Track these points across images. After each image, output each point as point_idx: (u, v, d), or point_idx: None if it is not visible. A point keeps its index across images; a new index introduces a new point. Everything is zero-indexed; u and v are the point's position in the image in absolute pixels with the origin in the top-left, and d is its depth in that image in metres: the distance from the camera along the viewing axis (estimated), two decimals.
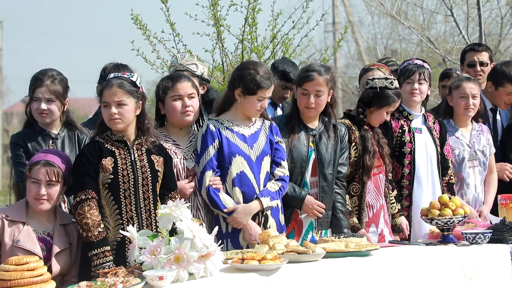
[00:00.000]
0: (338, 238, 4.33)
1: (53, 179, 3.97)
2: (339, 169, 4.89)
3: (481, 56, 6.26)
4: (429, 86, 5.49)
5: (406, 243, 4.87)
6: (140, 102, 4.14)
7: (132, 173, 4.07)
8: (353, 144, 5.03)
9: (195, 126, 4.77)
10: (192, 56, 5.52)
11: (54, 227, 4.03)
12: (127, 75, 4.19)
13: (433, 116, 5.56)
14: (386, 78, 5.07)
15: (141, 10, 7.21)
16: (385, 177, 5.15)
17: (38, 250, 3.90)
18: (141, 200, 4.07)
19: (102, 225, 3.96)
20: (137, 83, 4.16)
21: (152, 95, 5.08)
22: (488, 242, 4.65)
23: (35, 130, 4.64)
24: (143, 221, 4.06)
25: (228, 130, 4.52)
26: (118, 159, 4.06)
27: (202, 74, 5.33)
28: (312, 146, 4.81)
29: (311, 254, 3.92)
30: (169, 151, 4.39)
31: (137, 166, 4.10)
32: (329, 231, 4.85)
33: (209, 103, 5.45)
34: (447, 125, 5.61)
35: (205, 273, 3.54)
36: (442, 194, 5.17)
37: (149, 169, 4.12)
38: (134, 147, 4.14)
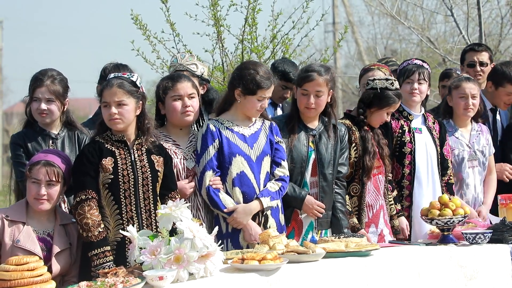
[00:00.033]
0: (338, 238, 4.33)
1: (53, 179, 3.97)
2: (339, 169, 4.89)
3: (481, 56, 6.26)
4: (429, 86, 5.49)
5: (406, 243, 4.87)
6: (140, 102, 4.14)
7: (132, 173, 4.07)
8: (353, 144, 5.03)
9: (195, 126, 4.77)
10: (192, 56, 5.52)
11: (54, 227, 4.03)
12: (127, 75, 4.19)
13: (432, 116, 5.55)
14: (387, 79, 5.07)
15: (141, 10, 7.21)
16: (384, 177, 5.16)
17: (38, 250, 3.90)
18: (141, 200, 4.07)
19: (102, 225, 3.96)
20: (137, 83, 4.16)
21: (152, 95, 5.07)
22: (488, 242, 4.65)
23: (35, 130, 4.64)
24: (143, 221, 4.06)
25: (228, 130, 4.52)
26: (118, 159, 4.06)
27: (202, 74, 5.33)
28: (312, 146, 4.81)
29: (311, 254, 3.92)
30: (169, 151, 4.39)
31: (137, 166, 4.10)
32: (329, 231, 4.84)
33: (209, 103, 5.44)
34: (447, 125, 5.60)
35: (205, 273, 3.54)
36: (442, 194, 5.17)
37: (149, 169, 4.12)
38: (134, 147, 4.14)
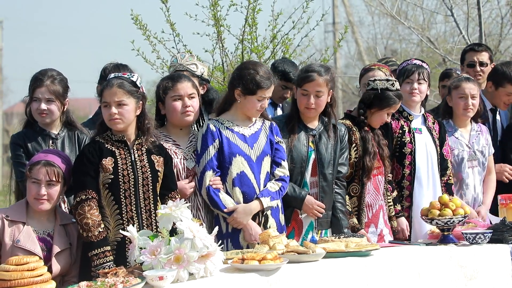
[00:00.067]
0: (338, 238, 4.32)
1: (54, 179, 3.97)
2: (339, 169, 4.89)
3: (481, 56, 6.26)
4: (429, 86, 5.49)
5: (406, 243, 4.87)
6: (141, 102, 4.14)
7: (132, 173, 4.07)
8: (354, 145, 5.03)
9: (195, 126, 4.77)
10: (192, 56, 5.52)
11: (54, 227, 4.03)
12: (128, 75, 4.19)
13: (432, 117, 5.55)
14: (388, 80, 5.07)
15: (141, 10, 7.21)
16: (384, 178, 5.15)
17: (38, 250, 3.89)
18: (141, 200, 4.07)
19: (103, 225, 3.96)
20: (138, 83, 4.16)
21: (152, 95, 5.07)
22: (488, 242, 4.65)
23: (35, 130, 4.63)
24: (143, 221, 4.06)
25: (228, 130, 4.52)
26: (118, 159, 4.06)
27: (202, 74, 5.33)
28: (312, 146, 4.81)
29: (311, 254, 3.92)
30: (169, 151, 4.39)
31: (137, 166, 4.10)
32: (329, 231, 4.84)
33: (209, 103, 5.44)
34: (447, 126, 5.60)
35: (205, 273, 3.54)
36: (442, 194, 5.17)
37: (149, 169, 4.12)
38: (134, 147, 4.14)
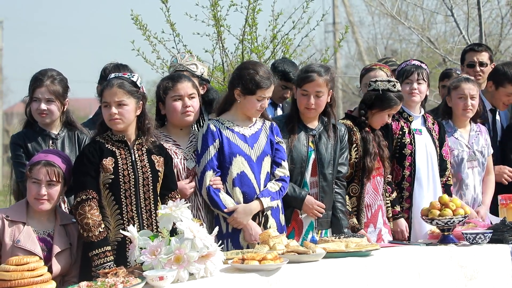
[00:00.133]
0: (339, 238, 4.32)
1: (54, 179, 3.97)
2: (339, 169, 4.89)
3: (481, 56, 6.25)
4: (428, 86, 5.49)
5: (406, 243, 4.87)
6: (141, 102, 4.14)
7: (132, 173, 4.07)
8: (354, 145, 5.02)
9: (195, 126, 4.77)
10: (192, 56, 5.52)
11: (54, 227, 4.03)
12: (128, 75, 4.19)
13: (432, 117, 5.55)
14: (389, 81, 5.07)
15: (141, 10, 7.21)
16: (383, 179, 5.15)
17: (39, 250, 3.89)
18: (141, 200, 4.07)
19: (103, 225, 3.96)
20: (138, 83, 4.16)
21: (153, 95, 5.08)
22: (488, 242, 4.64)
23: (35, 130, 4.63)
24: (144, 221, 4.06)
25: (228, 130, 4.52)
26: (118, 159, 4.06)
27: (202, 74, 5.33)
28: (312, 146, 4.81)
29: (311, 254, 3.92)
30: (169, 151, 4.39)
31: (138, 166, 4.10)
32: (329, 231, 4.84)
33: (209, 103, 5.45)
34: (446, 126, 5.60)
35: (206, 273, 3.54)
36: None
37: (149, 169, 4.12)
38: (135, 147, 4.14)
